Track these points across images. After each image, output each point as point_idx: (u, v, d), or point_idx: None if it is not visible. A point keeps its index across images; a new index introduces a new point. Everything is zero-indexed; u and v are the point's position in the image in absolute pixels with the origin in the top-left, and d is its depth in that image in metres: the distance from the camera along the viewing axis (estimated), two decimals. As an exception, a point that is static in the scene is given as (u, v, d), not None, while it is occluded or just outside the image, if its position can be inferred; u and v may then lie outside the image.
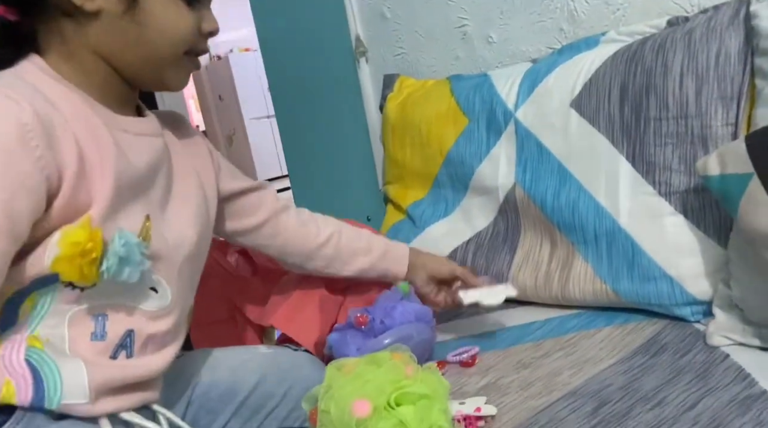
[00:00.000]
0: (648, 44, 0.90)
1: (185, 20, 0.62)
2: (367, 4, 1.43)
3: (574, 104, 0.97)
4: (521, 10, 1.16)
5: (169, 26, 0.61)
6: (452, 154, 1.16)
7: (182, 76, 0.66)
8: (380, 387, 0.59)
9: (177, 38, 0.62)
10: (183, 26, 0.62)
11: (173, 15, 0.61)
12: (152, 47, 0.61)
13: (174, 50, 0.62)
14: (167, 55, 0.62)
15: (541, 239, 1.00)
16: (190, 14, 0.62)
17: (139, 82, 0.64)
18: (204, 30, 0.64)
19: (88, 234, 0.54)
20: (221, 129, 6.92)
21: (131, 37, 0.60)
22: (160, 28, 0.60)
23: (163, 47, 0.62)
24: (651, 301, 0.85)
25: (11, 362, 0.54)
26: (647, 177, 0.87)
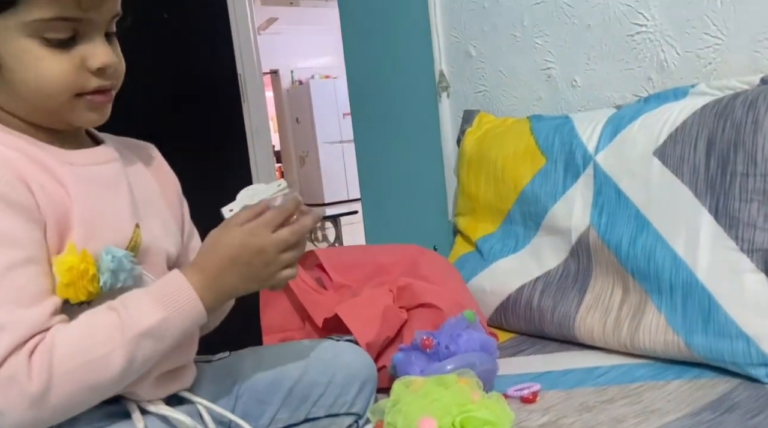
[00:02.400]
0: (739, 99, 0.90)
1: (54, 68, 0.58)
2: (454, 42, 1.49)
3: (657, 153, 0.97)
4: (610, 57, 1.18)
5: (37, 79, 0.58)
6: (527, 191, 1.17)
7: (87, 116, 0.62)
8: (447, 407, 0.61)
9: (49, 89, 0.58)
10: (53, 75, 0.58)
11: (37, 67, 0.57)
12: (29, 100, 0.59)
13: (54, 100, 0.59)
14: (50, 105, 0.60)
15: (612, 284, 1.00)
16: (59, 59, 0.58)
17: (42, 125, 0.62)
18: (91, 67, 0.59)
19: (78, 257, 0.57)
20: (295, 149, 7.15)
21: (8, 92, 0.59)
22: (27, 82, 0.58)
23: (39, 99, 0.59)
24: (725, 359, 0.83)
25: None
26: (729, 231, 0.86)
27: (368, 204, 1.89)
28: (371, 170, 1.84)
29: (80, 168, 0.62)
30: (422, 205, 1.65)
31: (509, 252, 1.19)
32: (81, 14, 0.58)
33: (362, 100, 1.81)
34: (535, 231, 1.16)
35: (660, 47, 1.10)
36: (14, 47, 0.57)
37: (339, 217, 4.18)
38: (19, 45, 0.57)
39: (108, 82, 0.61)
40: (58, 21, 0.57)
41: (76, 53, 0.59)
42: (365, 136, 1.83)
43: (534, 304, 1.08)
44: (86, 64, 0.59)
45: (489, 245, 1.24)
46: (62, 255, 0.58)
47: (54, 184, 0.59)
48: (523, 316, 1.10)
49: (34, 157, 0.59)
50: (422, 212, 1.65)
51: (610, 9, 1.16)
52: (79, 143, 0.66)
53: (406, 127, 1.66)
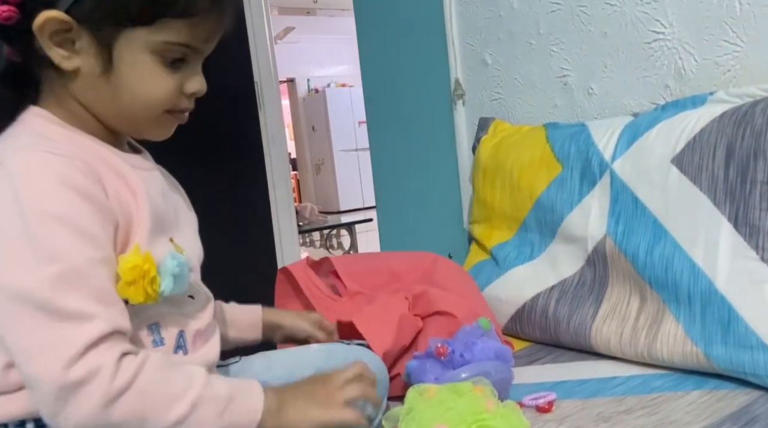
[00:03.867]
0: (759, 107, 0.89)
1: (163, 85, 0.62)
2: (470, 50, 1.49)
3: (675, 161, 0.96)
4: (626, 65, 1.17)
5: (144, 91, 0.61)
6: (542, 199, 1.16)
7: (162, 131, 0.66)
8: (461, 416, 0.61)
9: (152, 102, 0.62)
10: (160, 91, 0.62)
11: (149, 81, 0.61)
12: (127, 108, 0.62)
13: (150, 112, 0.63)
14: (143, 115, 0.63)
15: (629, 293, 0.99)
16: (169, 78, 0.62)
17: (119, 131, 0.66)
18: (187, 91, 0.64)
19: (142, 258, 0.59)
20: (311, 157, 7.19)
21: (106, 96, 0.61)
22: (135, 92, 0.61)
23: (137, 109, 0.62)
24: (745, 370, 0.81)
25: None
26: (750, 241, 0.85)
27: (384, 211, 1.89)
28: (387, 178, 1.84)
29: (140, 171, 0.65)
30: (437, 213, 1.65)
31: (525, 260, 1.18)
32: (200, 46, 0.63)
33: (378, 108, 1.82)
34: (550, 239, 1.15)
35: (678, 54, 1.09)
36: (135, 59, 0.60)
37: (354, 225, 4.18)
38: (140, 58, 0.60)
39: (192, 106, 0.66)
40: (182, 47, 0.61)
41: (180, 75, 0.63)
42: (381, 144, 1.84)
43: (550, 313, 1.07)
44: (184, 86, 0.63)
45: (504, 253, 1.23)
46: (127, 254, 0.59)
47: (124, 187, 0.61)
48: (538, 325, 1.09)
49: (106, 159, 0.61)
50: (437, 220, 1.65)
51: (627, 16, 1.15)
52: (127, 149, 0.68)
53: (422, 134, 1.66)
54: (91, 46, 0.60)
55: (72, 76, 0.61)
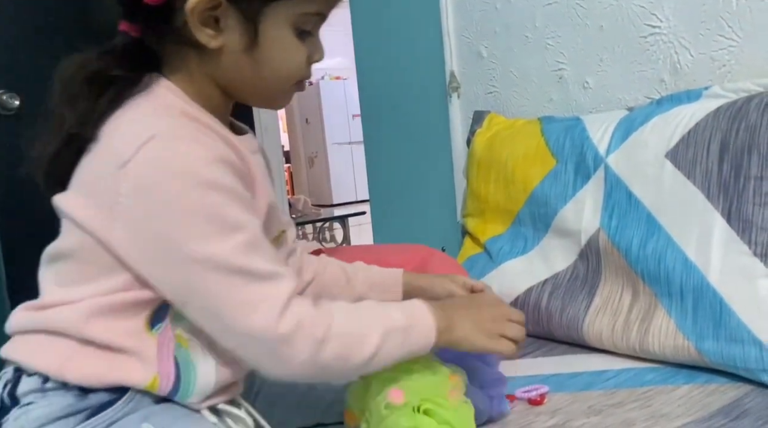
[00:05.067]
0: (754, 102, 0.89)
1: (298, 56, 0.63)
2: (465, 43, 1.48)
3: (669, 155, 0.96)
4: (622, 59, 1.17)
5: (284, 63, 0.63)
6: (536, 193, 1.16)
7: (288, 100, 0.69)
8: (419, 390, 0.63)
9: (289, 73, 0.64)
10: (295, 62, 0.63)
11: (288, 53, 0.62)
12: (265, 81, 0.64)
13: (285, 84, 0.65)
14: (278, 88, 0.65)
15: (622, 287, 0.99)
16: (302, 49, 0.63)
17: (247, 103, 0.68)
18: (312, 59, 0.65)
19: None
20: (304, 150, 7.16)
21: (247, 72, 0.62)
22: (276, 65, 0.62)
23: (275, 81, 0.64)
24: (736, 364, 0.82)
25: (162, 357, 0.59)
26: (743, 236, 0.85)
27: (377, 204, 1.89)
28: (381, 171, 1.84)
29: (254, 155, 0.66)
30: (431, 206, 1.64)
31: (518, 254, 1.18)
32: (327, 13, 0.64)
33: (373, 101, 1.81)
34: (544, 233, 1.15)
35: (673, 49, 1.09)
36: (277, 33, 0.61)
37: (347, 218, 4.18)
38: (282, 32, 0.61)
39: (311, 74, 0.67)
40: (315, 16, 0.63)
41: (306, 46, 0.64)
42: (375, 137, 1.83)
43: (542, 306, 1.07)
44: (312, 56, 0.65)
45: (498, 246, 1.23)
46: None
47: (247, 172, 0.61)
48: (531, 318, 1.09)
49: (228, 139, 0.62)
50: (431, 213, 1.65)
51: (623, 10, 1.15)
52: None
53: (416, 127, 1.65)
54: (237, 23, 0.60)
55: (214, 55, 0.61)
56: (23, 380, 0.59)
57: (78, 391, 0.58)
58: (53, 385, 0.58)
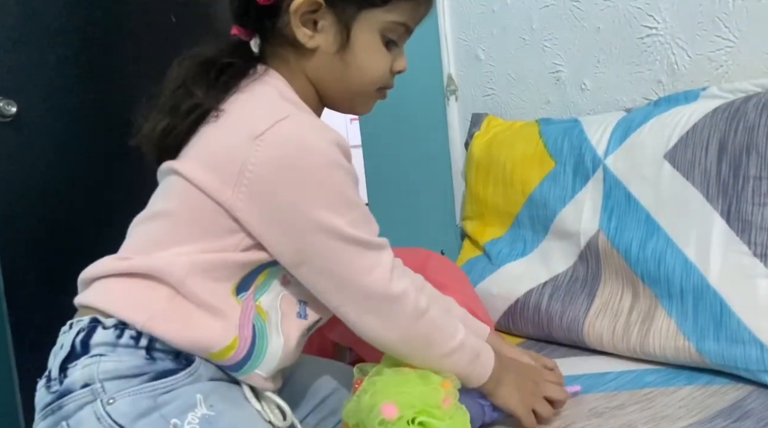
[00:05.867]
0: (752, 102, 0.89)
1: (383, 63, 0.68)
2: (463, 46, 1.48)
3: (668, 156, 0.96)
4: (619, 60, 1.17)
5: (370, 68, 0.68)
6: (535, 195, 1.16)
7: (370, 106, 0.73)
8: (412, 402, 0.63)
9: (374, 78, 0.69)
10: (380, 68, 0.68)
11: (375, 58, 0.68)
12: (352, 83, 0.69)
13: (369, 88, 0.70)
14: (362, 91, 0.70)
15: (622, 289, 0.99)
16: (387, 57, 0.68)
17: (333, 107, 0.73)
18: (395, 69, 0.70)
19: None
20: (303, 154, 7.13)
21: (337, 73, 0.68)
22: (362, 69, 0.68)
23: (360, 85, 0.69)
24: (737, 365, 0.81)
25: (244, 323, 0.63)
26: (742, 236, 0.85)
27: (376, 207, 1.88)
28: (379, 174, 1.83)
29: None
30: (430, 209, 1.64)
31: (517, 256, 1.18)
32: (413, 26, 0.70)
33: (370, 104, 1.81)
34: (543, 235, 1.15)
35: (670, 50, 1.09)
36: (367, 37, 0.66)
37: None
38: (370, 37, 0.67)
39: (393, 84, 0.72)
40: (402, 26, 0.68)
41: (391, 56, 0.69)
42: (373, 140, 1.83)
43: (542, 309, 1.07)
44: (393, 65, 0.70)
45: (497, 249, 1.23)
46: None
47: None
48: (531, 321, 1.09)
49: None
50: (430, 216, 1.64)
51: (620, 11, 1.15)
52: None
53: (414, 130, 1.65)
54: (332, 26, 0.66)
55: (309, 54, 0.67)
56: (98, 331, 0.60)
57: (147, 354, 0.60)
58: (126, 342, 0.59)
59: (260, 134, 0.60)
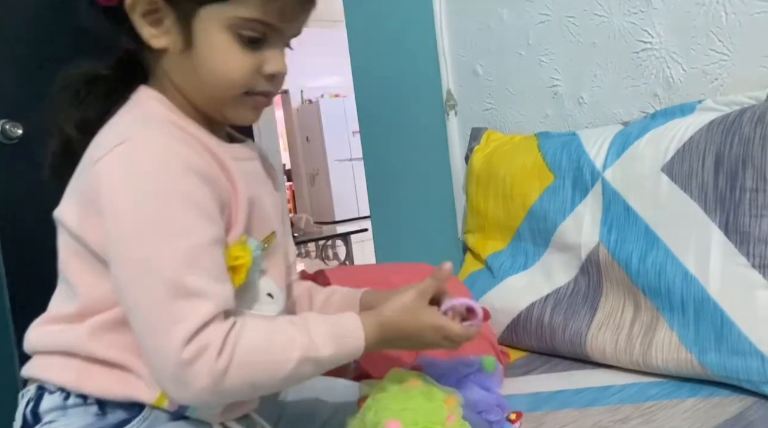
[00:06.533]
0: (746, 115, 0.90)
1: (238, 63, 0.61)
2: (461, 61, 1.50)
3: (665, 169, 0.97)
4: (615, 74, 1.18)
5: (222, 69, 0.61)
6: (535, 208, 1.17)
7: (243, 113, 0.65)
8: (416, 419, 0.63)
9: (231, 80, 0.62)
10: (235, 69, 0.61)
11: (225, 58, 0.61)
12: (207, 86, 0.63)
13: (228, 91, 0.63)
14: (222, 95, 0.63)
15: (623, 301, 0.99)
16: (246, 56, 0.61)
17: (208, 115, 0.65)
18: (265, 72, 0.63)
19: (245, 251, 0.61)
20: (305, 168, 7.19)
21: (192, 77, 0.62)
22: (212, 69, 0.61)
23: (215, 88, 0.62)
24: (739, 377, 0.82)
25: None
26: (740, 247, 0.86)
27: (378, 222, 1.90)
28: (381, 188, 1.85)
29: (240, 162, 0.65)
30: (432, 223, 1.65)
31: (519, 270, 1.19)
32: (277, 23, 0.62)
33: (371, 119, 1.83)
34: (544, 248, 1.16)
35: (665, 64, 1.11)
36: (212, 37, 0.61)
37: (349, 235, 4.18)
38: (217, 36, 0.61)
39: (275, 89, 0.65)
40: (256, 22, 0.61)
41: (259, 56, 0.62)
42: (375, 155, 1.85)
43: (545, 322, 1.07)
44: (263, 67, 0.63)
45: (499, 262, 1.23)
46: (234, 245, 0.61)
47: (224, 177, 0.61)
48: (534, 334, 1.09)
49: (208, 146, 0.62)
50: (432, 230, 1.65)
51: (615, 26, 1.17)
52: (226, 138, 0.69)
53: (415, 145, 1.67)
54: (174, 24, 0.61)
55: (163, 56, 0.62)
56: (45, 397, 0.60)
57: (98, 410, 0.59)
58: (74, 402, 0.59)
59: (96, 161, 0.57)
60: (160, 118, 0.62)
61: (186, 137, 0.61)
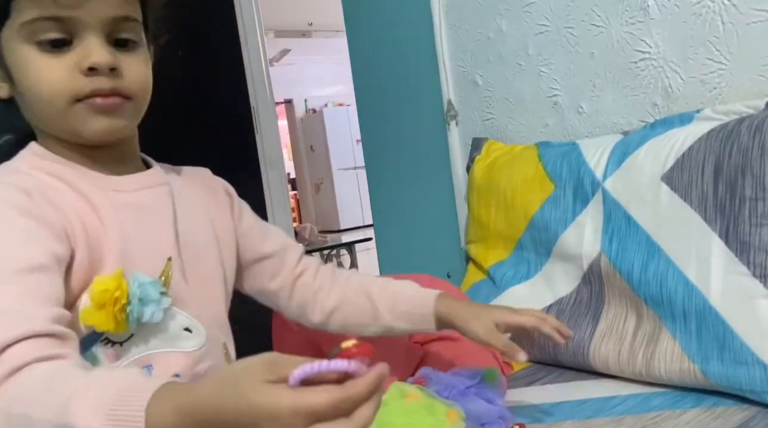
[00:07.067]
0: (745, 124, 0.90)
1: (48, 72, 0.58)
2: (461, 72, 1.51)
3: (665, 178, 0.97)
4: (614, 84, 1.19)
5: (36, 86, 0.58)
6: (537, 218, 1.17)
7: (90, 123, 0.61)
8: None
9: (48, 94, 0.58)
10: (47, 80, 0.58)
11: (35, 71, 0.58)
12: (40, 112, 0.61)
13: (55, 107, 0.59)
14: (55, 113, 0.60)
15: (626, 311, 0.99)
16: (52, 63, 0.58)
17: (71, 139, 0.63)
18: (81, 68, 0.58)
19: (117, 283, 0.58)
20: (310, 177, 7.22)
21: (26, 109, 0.62)
22: (31, 88, 0.59)
23: (44, 106, 0.60)
24: (742, 387, 0.82)
25: None
26: (741, 257, 0.86)
27: (381, 231, 1.90)
28: (383, 198, 1.86)
29: (123, 194, 0.64)
30: (434, 233, 1.66)
31: (522, 279, 1.19)
32: (62, 12, 0.57)
33: (373, 130, 1.84)
34: (546, 258, 1.16)
35: (664, 73, 1.11)
36: (15, 56, 0.59)
37: (354, 244, 4.19)
38: (18, 53, 0.58)
39: (106, 85, 0.59)
40: (41, 21, 0.57)
41: (71, 57, 0.58)
42: (377, 165, 1.86)
43: (548, 332, 1.07)
44: (80, 65, 0.58)
45: (501, 272, 1.24)
46: (102, 275, 0.58)
47: (90, 213, 0.60)
48: (537, 344, 1.09)
49: (74, 185, 0.61)
50: (435, 239, 1.66)
51: (613, 37, 1.17)
52: (131, 169, 0.67)
53: (416, 155, 1.68)
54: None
55: (14, 104, 0.63)
56: None
57: None
58: None
59: None
60: (13, 167, 0.62)
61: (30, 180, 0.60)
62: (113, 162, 0.66)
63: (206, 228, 0.73)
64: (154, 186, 0.68)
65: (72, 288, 0.58)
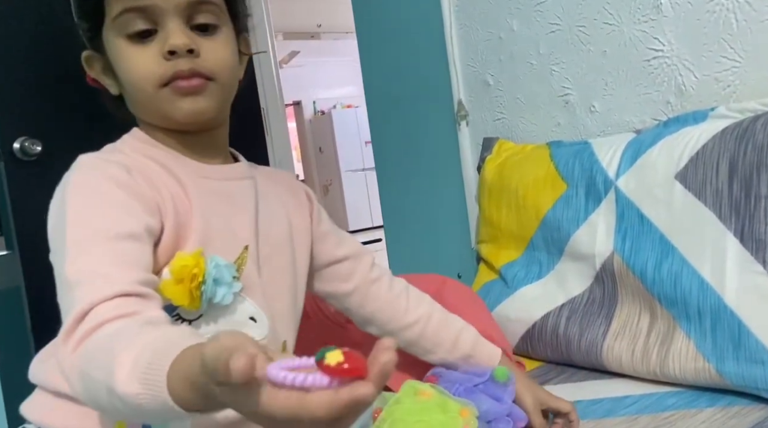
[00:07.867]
0: (760, 121, 0.89)
1: (137, 60, 0.63)
2: (471, 72, 1.51)
3: (679, 177, 0.96)
4: (627, 82, 1.18)
5: (130, 73, 0.64)
6: (548, 217, 1.17)
7: (176, 106, 0.64)
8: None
9: (137, 81, 0.63)
10: (138, 68, 0.63)
11: (128, 61, 0.63)
12: (136, 99, 0.67)
13: (144, 91, 0.64)
14: (144, 97, 0.65)
15: (639, 310, 0.99)
16: (141, 52, 0.63)
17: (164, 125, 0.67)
18: (163, 53, 0.62)
19: (196, 260, 0.61)
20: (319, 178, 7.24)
21: (129, 98, 0.68)
22: (127, 79, 0.65)
23: (136, 93, 0.65)
24: (758, 385, 0.81)
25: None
26: (757, 255, 0.85)
27: (391, 232, 1.90)
28: (394, 199, 1.86)
29: (211, 181, 0.68)
30: (445, 233, 1.65)
31: (533, 279, 1.19)
32: (142, 2, 0.62)
33: (383, 130, 1.84)
34: (558, 258, 1.15)
35: (677, 71, 1.10)
36: (113, 51, 0.64)
37: (363, 245, 4.18)
38: (115, 48, 0.64)
39: (185, 66, 0.62)
40: (127, 14, 0.62)
41: (155, 44, 0.63)
42: (387, 165, 1.86)
43: (560, 332, 1.07)
44: (161, 51, 0.62)
45: (513, 272, 1.23)
46: (183, 252, 0.62)
47: (181, 194, 0.65)
48: (549, 344, 1.09)
49: (168, 167, 0.66)
50: (446, 240, 1.66)
51: (625, 35, 1.17)
52: (220, 159, 0.72)
53: (427, 155, 1.68)
54: (100, 63, 0.67)
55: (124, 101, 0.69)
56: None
57: None
58: None
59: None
60: (123, 149, 0.67)
61: (132, 160, 0.65)
62: (203, 150, 0.70)
63: (284, 227, 0.75)
64: (239, 178, 0.72)
65: (158, 260, 0.61)
